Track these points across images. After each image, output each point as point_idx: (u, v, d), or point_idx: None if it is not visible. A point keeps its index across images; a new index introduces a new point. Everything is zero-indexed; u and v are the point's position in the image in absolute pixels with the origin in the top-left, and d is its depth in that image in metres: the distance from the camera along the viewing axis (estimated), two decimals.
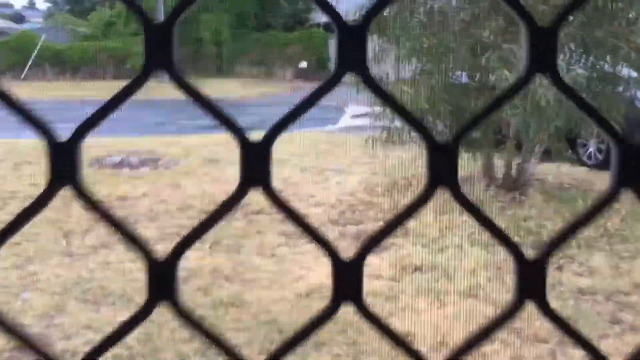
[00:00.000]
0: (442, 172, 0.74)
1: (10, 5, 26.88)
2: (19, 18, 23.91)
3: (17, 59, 16.67)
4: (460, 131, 0.75)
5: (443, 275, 3.27)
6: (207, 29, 17.48)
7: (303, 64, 18.19)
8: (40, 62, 16.96)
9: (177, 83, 0.57)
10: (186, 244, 0.60)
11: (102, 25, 18.47)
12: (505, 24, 4.63)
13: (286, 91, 14.91)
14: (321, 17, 19.55)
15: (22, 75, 16.50)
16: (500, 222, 4.57)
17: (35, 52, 16.90)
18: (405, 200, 5.14)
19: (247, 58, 17.32)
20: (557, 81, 0.68)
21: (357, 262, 0.52)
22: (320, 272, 3.27)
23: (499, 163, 5.25)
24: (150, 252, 0.51)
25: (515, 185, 5.10)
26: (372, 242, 0.60)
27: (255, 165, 0.69)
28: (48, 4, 23.12)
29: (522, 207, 4.60)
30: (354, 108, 11.20)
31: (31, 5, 27.79)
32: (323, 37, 18.58)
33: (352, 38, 0.59)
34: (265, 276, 3.30)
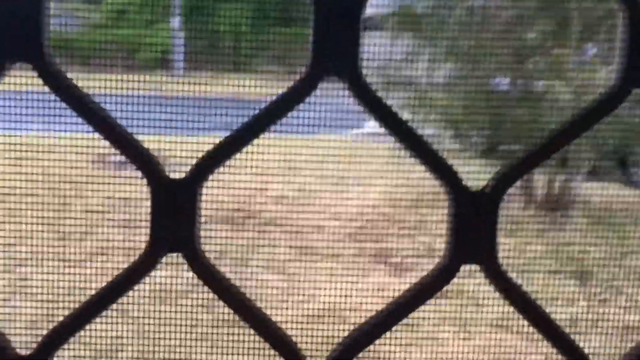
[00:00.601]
0: (472, 239, 0.68)
1: None
2: None
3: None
4: (510, 173, 0.67)
5: (471, 303, 3.19)
6: (224, 21, 17.41)
7: None
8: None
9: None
10: (57, 340, 0.57)
11: (115, 13, 18.53)
12: (556, 26, 4.54)
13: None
14: None
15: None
16: (538, 247, 4.52)
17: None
18: (432, 217, 5.06)
19: (267, 53, 17.19)
20: None
21: None
22: (334, 293, 3.21)
23: (539, 181, 5.14)
24: None
25: (556, 205, 5.00)
26: None
27: (175, 217, 0.65)
28: None
29: (563, 231, 4.50)
30: None
31: None
32: None
33: (338, 31, 0.53)
34: (273, 294, 3.24)
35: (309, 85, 0.56)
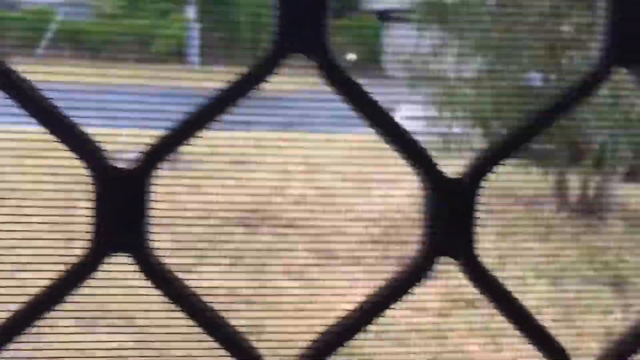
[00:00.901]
0: (448, 231, 0.67)
1: None
2: None
3: (31, 37, 16.83)
4: (489, 158, 0.66)
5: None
6: (244, 12, 17.43)
7: (351, 56, 18.03)
8: (56, 42, 17.11)
9: None
10: None
11: (127, 2, 18.58)
12: (592, 19, 4.48)
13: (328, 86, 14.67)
14: (375, 3, 19.43)
15: (36, 56, 16.66)
16: (572, 252, 4.47)
17: (51, 30, 17.07)
18: None
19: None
20: None
21: None
22: (355, 301, 3.19)
23: (573, 182, 5.09)
24: None
25: (591, 209, 4.95)
26: None
27: (121, 213, 0.64)
28: None
29: (599, 236, 4.45)
30: (406, 109, 11.03)
31: None
32: (376, 26, 18.36)
33: (304, 6, 0.51)
34: (291, 302, 3.22)
35: (272, 64, 0.55)
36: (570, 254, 3.97)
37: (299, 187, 5.55)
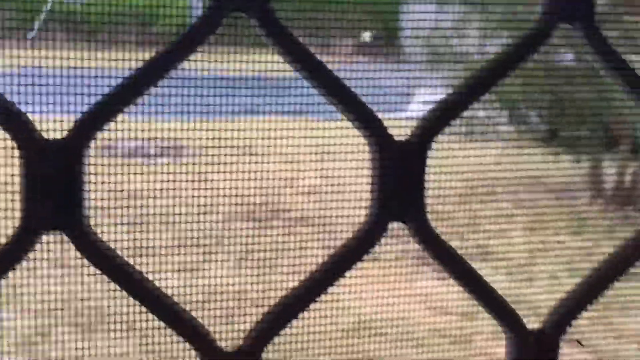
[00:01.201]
0: (398, 195, 0.69)
1: None
2: None
3: (24, 20, 16.91)
4: (434, 123, 0.67)
5: (531, 313, 3.08)
6: None
7: (366, 36, 17.94)
8: (51, 24, 17.20)
9: None
10: None
11: None
12: None
13: (342, 68, 14.68)
14: None
15: (29, 39, 16.75)
16: (610, 247, 4.38)
17: (45, 11, 17.15)
18: (486, 212, 4.95)
19: (296, 25, 17.18)
20: (592, 35, 0.59)
21: None
22: (373, 303, 3.13)
23: (608, 170, 5.00)
24: None
25: (628, 199, 4.87)
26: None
27: (54, 187, 0.66)
28: None
29: (636, 229, 4.37)
30: (424, 93, 10.91)
31: None
32: (394, 2, 18.28)
33: None
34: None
35: (213, 23, 0.54)
36: (605, 250, 3.88)
37: (310, 178, 5.47)
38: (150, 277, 0.93)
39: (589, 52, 0.64)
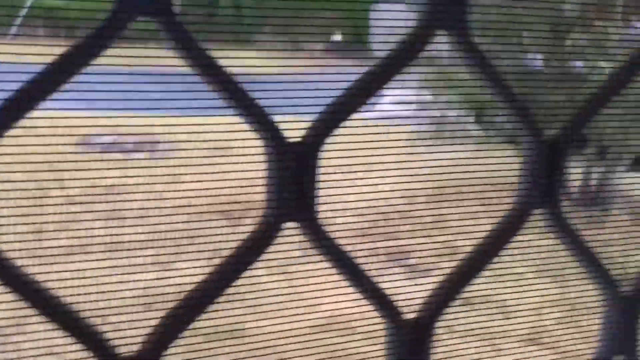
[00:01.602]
0: (292, 194, 0.72)
1: None
2: None
3: (4, 16, 16.67)
4: (322, 125, 0.69)
5: (500, 312, 3.08)
6: None
7: (336, 36, 17.92)
8: (31, 20, 16.98)
9: None
10: None
11: None
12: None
13: (313, 67, 14.60)
14: None
15: (10, 35, 16.52)
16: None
17: (26, 7, 16.95)
18: (453, 211, 4.98)
19: (270, 26, 17.17)
20: (465, 42, 0.61)
21: None
22: (340, 298, 3.12)
23: (573, 171, 5.03)
24: None
25: (594, 200, 4.90)
26: None
27: None
28: None
29: (602, 229, 4.38)
30: (395, 93, 10.87)
31: None
32: (363, 3, 18.22)
33: None
34: (274, 300, 3.14)
35: (119, 26, 0.56)
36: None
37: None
38: (124, 271, 0.92)
39: (462, 57, 0.66)
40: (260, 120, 0.63)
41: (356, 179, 5.75)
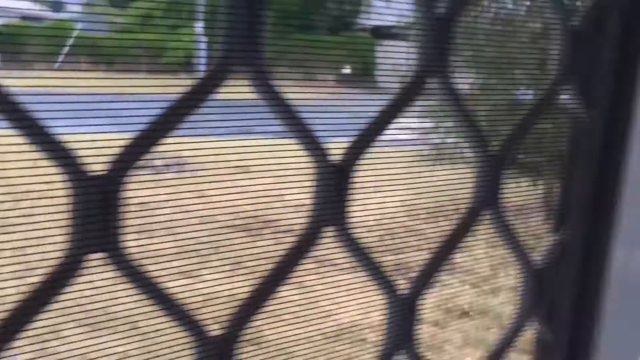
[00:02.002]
0: (98, 227, 0.60)
1: None
2: (57, 5, 24.37)
3: (51, 48, 16.79)
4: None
5: (495, 323, 2.99)
6: None
7: (346, 70, 17.98)
8: (75, 52, 17.11)
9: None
10: None
11: (140, 17, 18.61)
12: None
13: (326, 97, 14.62)
14: (369, 21, 19.39)
15: (56, 65, 16.62)
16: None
17: (70, 41, 17.06)
18: (451, 227, 4.85)
19: (286, 60, 17.23)
20: (260, 80, 0.62)
21: None
22: (352, 308, 3.03)
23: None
24: None
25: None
26: None
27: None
28: None
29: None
30: (401, 120, 10.83)
31: None
32: (370, 42, 18.31)
33: None
34: (290, 309, 3.05)
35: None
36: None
37: (297, 194, 5.34)
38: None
39: (258, 96, 0.65)
40: (59, 153, 0.58)
41: (364, 196, 5.62)
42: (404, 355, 0.75)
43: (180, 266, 3.56)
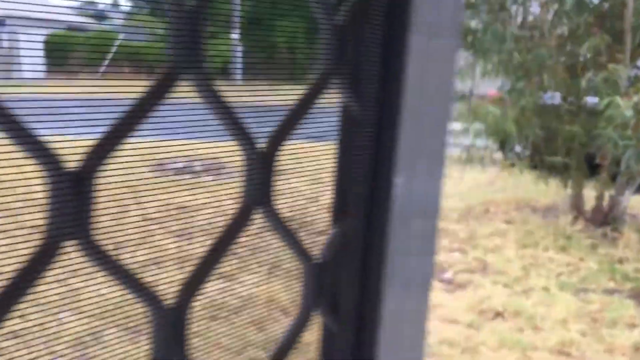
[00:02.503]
0: (70, 217, 0.61)
1: (95, 3, 28.13)
2: (100, 16, 24.73)
3: (96, 56, 17.11)
4: None
5: (529, 325, 2.88)
6: (281, 35, 17.48)
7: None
8: (117, 61, 17.42)
9: None
10: None
11: None
12: (610, 41, 4.20)
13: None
14: None
15: (99, 73, 16.93)
16: (593, 262, 4.14)
17: (113, 50, 17.34)
18: (482, 229, 4.73)
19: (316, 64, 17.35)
20: (204, 86, 0.63)
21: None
22: None
23: (588, 194, 4.78)
24: None
25: (605, 219, 4.64)
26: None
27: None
28: (130, 3, 23.83)
29: (615, 247, 4.14)
30: None
31: (115, 4, 28.88)
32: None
33: None
34: None
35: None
36: (590, 265, 3.67)
37: (330, 196, 5.24)
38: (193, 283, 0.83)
39: (202, 102, 0.66)
40: (34, 146, 0.57)
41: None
42: None
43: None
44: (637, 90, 4.06)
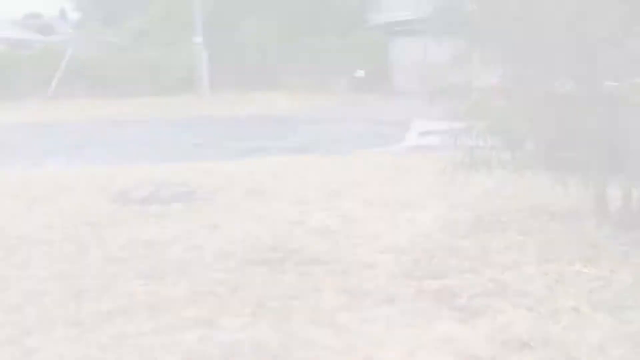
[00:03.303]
0: None
1: (39, 16, 27.82)
2: (47, 29, 24.51)
3: (44, 75, 16.94)
4: None
5: (562, 355, 2.78)
6: (250, 34, 17.34)
7: (360, 73, 17.86)
8: (68, 77, 17.21)
9: None
10: None
11: (135, 35, 18.59)
12: (630, 14, 4.12)
13: (338, 104, 14.53)
14: (381, 18, 19.09)
15: (49, 93, 16.75)
16: (626, 274, 4.03)
17: (63, 66, 17.16)
18: (495, 243, 4.60)
19: (295, 66, 17.26)
20: None
21: None
22: (395, 349, 2.84)
23: (613, 194, 4.69)
24: None
25: (636, 222, 4.57)
26: None
27: None
28: (78, 13, 23.61)
29: None
30: (420, 123, 10.64)
31: (62, 15, 28.58)
32: (383, 42, 18.14)
33: None
34: (324, 355, 2.85)
35: None
36: (624, 279, 3.59)
37: (319, 217, 5.15)
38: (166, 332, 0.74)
39: None
40: None
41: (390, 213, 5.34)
42: None
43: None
44: None
